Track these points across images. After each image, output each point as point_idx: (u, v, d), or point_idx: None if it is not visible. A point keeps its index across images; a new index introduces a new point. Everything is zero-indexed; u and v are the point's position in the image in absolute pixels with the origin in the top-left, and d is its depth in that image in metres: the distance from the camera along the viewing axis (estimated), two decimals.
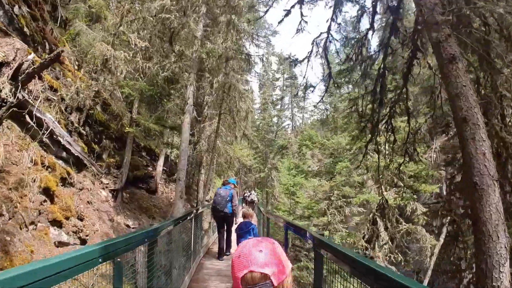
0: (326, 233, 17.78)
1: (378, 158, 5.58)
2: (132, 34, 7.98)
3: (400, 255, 11.18)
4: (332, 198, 17.70)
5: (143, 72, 9.62)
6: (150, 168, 12.50)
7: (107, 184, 9.47)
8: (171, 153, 14.79)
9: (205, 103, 12.51)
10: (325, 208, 16.68)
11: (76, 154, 7.71)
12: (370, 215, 12.05)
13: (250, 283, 0.81)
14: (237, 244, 5.15)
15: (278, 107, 44.49)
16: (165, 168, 14.47)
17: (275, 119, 42.42)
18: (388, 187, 12.37)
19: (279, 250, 0.88)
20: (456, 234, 7.81)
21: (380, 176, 5.73)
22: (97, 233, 7.00)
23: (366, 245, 11.78)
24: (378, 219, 11.55)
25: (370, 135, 5.40)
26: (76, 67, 10.41)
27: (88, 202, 7.75)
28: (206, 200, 17.04)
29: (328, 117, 24.08)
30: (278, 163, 34.52)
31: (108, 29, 9.64)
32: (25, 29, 7.79)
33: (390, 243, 11.04)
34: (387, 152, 5.76)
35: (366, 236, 12.13)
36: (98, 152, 10.08)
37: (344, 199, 17.84)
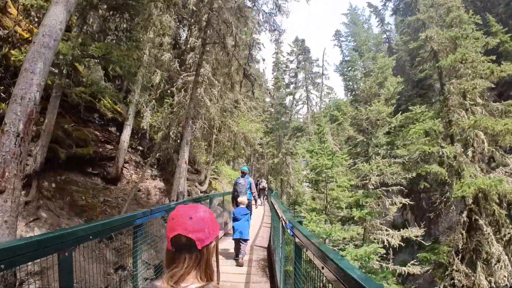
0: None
1: None
2: None
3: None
4: (369, 186, 13.37)
5: None
6: (110, 146, 8.42)
7: None
8: (141, 122, 9.51)
9: (189, 47, 8.44)
10: (360, 198, 12.36)
11: None
12: (464, 215, 7.51)
13: (178, 244, 0.93)
14: (234, 229, 5.50)
15: (292, 86, 39.67)
16: (140, 148, 10.39)
17: (287, 101, 37.84)
18: (485, 168, 7.88)
19: (208, 218, 0.98)
20: None
21: None
22: None
23: (463, 268, 7.27)
24: (481, 222, 7.08)
25: None
26: None
27: None
28: (201, 192, 12.93)
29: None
30: (293, 148, 30.71)
31: None
32: None
33: (506, 260, 6.59)
34: None
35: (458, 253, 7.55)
36: (3, 112, 6.03)
37: (385, 188, 13.47)
